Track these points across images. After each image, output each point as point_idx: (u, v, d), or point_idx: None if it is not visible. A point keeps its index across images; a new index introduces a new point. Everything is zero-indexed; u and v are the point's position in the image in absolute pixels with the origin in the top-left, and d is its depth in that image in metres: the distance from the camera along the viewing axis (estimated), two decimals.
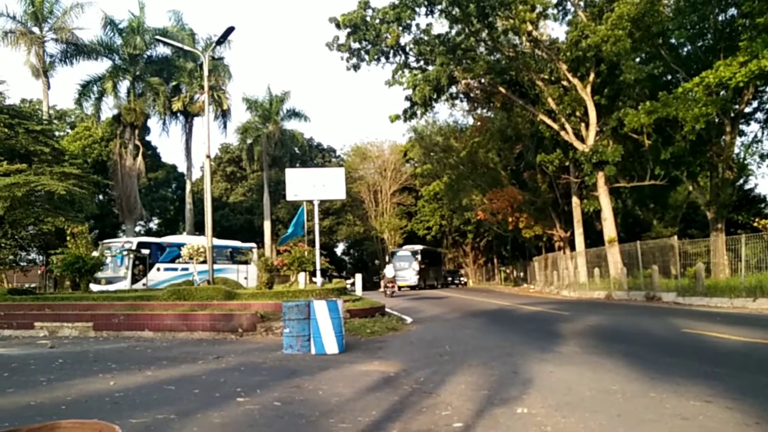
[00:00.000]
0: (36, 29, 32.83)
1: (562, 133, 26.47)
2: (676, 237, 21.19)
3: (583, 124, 26.49)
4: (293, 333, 9.62)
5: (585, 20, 24.01)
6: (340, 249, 63.42)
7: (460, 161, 37.04)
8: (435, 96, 27.53)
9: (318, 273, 16.19)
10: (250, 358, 9.22)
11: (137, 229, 40.43)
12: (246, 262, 28.96)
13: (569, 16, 26.57)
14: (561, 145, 27.59)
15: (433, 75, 25.92)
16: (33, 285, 37.98)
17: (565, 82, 26.59)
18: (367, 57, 25.43)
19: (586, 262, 27.57)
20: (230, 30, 16.24)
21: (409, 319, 14.74)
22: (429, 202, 49.17)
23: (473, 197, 38.19)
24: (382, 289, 31.65)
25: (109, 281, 25.49)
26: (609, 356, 8.32)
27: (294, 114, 44.42)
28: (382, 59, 25.94)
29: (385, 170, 53.75)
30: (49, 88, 33.76)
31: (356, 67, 25.87)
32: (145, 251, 27.00)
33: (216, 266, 27.24)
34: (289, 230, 19.66)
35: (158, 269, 27.21)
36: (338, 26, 24.56)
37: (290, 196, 16.73)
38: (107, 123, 37.90)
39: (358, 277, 29.99)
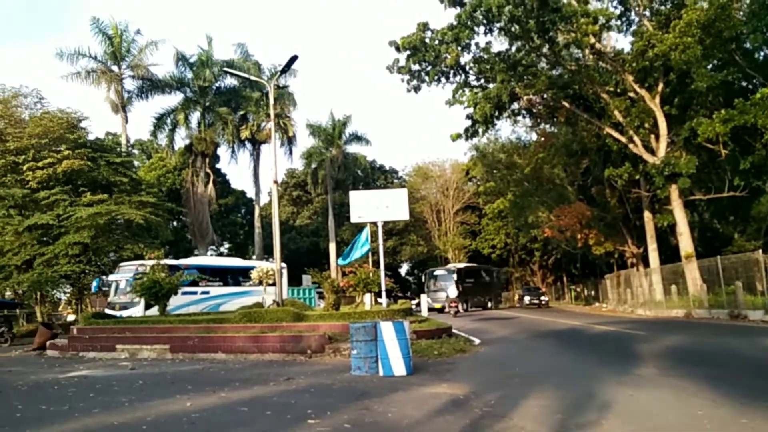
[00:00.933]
0: (115, 67, 35.04)
1: (631, 146, 25.60)
2: (760, 251, 19.94)
3: (652, 136, 25.53)
4: (361, 354, 9.66)
5: (651, 29, 23.28)
6: (404, 269, 63.39)
7: (524, 178, 36.42)
8: (496, 113, 27.29)
9: (383, 294, 16.24)
10: (320, 380, 9.30)
11: (209, 253, 41.90)
12: (274, 284, 27.65)
13: (634, 26, 25.85)
14: (630, 159, 26.66)
15: (493, 92, 25.74)
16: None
17: (632, 94, 25.78)
18: (427, 78, 25.57)
19: (662, 279, 26.34)
20: (294, 59, 16.76)
21: (477, 341, 14.49)
22: (493, 220, 48.51)
23: (539, 214, 37.37)
24: (447, 310, 31.36)
25: (123, 307, 24.70)
26: (692, 379, 7.88)
27: (356, 138, 45.16)
28: (442, 79, 26.01)
29: (447, 189, 53.53)
30: (127, 122, 35.85)
31: (417, 89, 26.06)
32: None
33: (243, 288, 27.04)
34: (352, 251, 19.83)
35: (175, 293, 26.28)
36: (398, 49, 24.87)
37: (354, 218, 16.94)
38: (180, 153, 39.74)
39: (424, 297, 29.79)
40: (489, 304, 40.90)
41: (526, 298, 42.78)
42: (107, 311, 25.14)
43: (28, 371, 13.05)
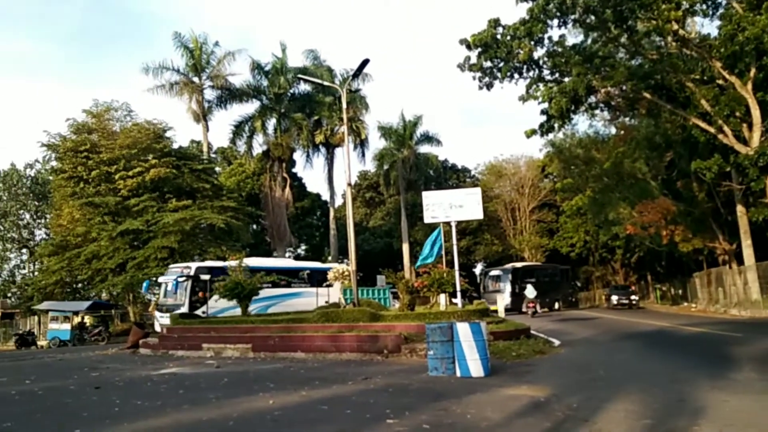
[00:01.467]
0: (196, 79, 36.74)
1: (720, 136, 24.10)
2: None
3: (744, 125, 23.92)
4: (437, 355, 9.62)
5: (740, 11, 21.84)
6: (478, 269, 62.61)
7: (603, 173, 35.04)
8: (572, 108, 26.43)
9: (458, 294, 16.11)
10: (397, 380, 9.35)
11: (287, 255, 43.09)
12: (329, 285, 25.80)
13: (721, 10, 24.31)
14: (719, 150, 25.07)
15: (569, 86, 24.96)
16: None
17: (720, 81, 24.26)
18: (499, 74, 25.15)
19: (758, 278, 24.61)
20: (365, 63, 16.94)
21: (556, 342, 14.11)
22: (571, 218, 47.02)
23: (621, 210, 35.81)
24: (524, 310, 30.70)
25: (169, 309, 24.36)
26: None
27: (427, 138, 45.09)
28: (515, 75, 25.48)
29: (522, 187, 52.41)
30: (208, 130, 37.56)
31: (489, 86, 25.68)
32: (205, 276, 24.56)
33: (290, 290, 26.40)
34: (425, 251, 19.80)
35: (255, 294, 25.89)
36: (469, 47, 24.61)
37: (428, 219, 16.91)
38: (258, 158, 41.13)
39: (500, 297, 29.28)
40: (556, 305, 37.58)
41: (614, 298, 38.64)
42: (156, 313, 25.27)
43: (123, 368, 13.91)
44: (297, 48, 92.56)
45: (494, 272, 38.11)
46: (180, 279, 24.61)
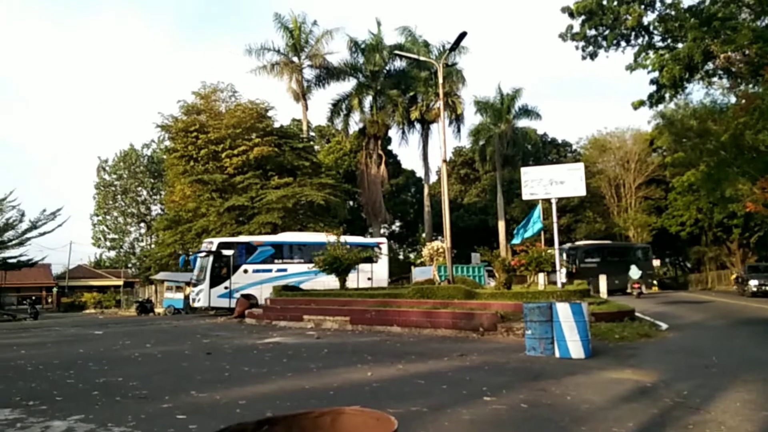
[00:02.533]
0: (295, 59, 37.71)
1: None
2: None
3: None
4: (535, 335, 9.44)
5: None
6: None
7: (720, 146, 32.35)
8: (686, 76, 24.54)
9: (558, 273, 15.66)
10: (493, 358, 9.29)
11: (382, 231, 43.73)
12: (370, 260, 24.84)
13: None
14: None
15: (683, 53, 23.16)
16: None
17: None
18: (604, 43, 23.80)
19: None
20: (462, 36, 16.62)
21: (664, 325, 13.38)
22: (682, 195, 44.01)
23: (739, 186, 33.03)
24: (628, 291, 29.34)
25: (196, 284, 24.93)
26: None
27: (525, 112, 43.71)
28: (622, 43, 24.00)
29: (627, 162, 49.64)
30: (307, 109, 38.54)
31: (593, 56, 24.39)
32: (228, 252, 24.73)
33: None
34: (521, 229, 19.35)
35: (245, 271, 24.95)
36: (571, 15, 23.44)
37: (526, 196, 16.47)
38: (354, 136, 41.79)
39: (602, 278, 28.12)
40: (628, 288, 31.63)
41: (753, 283, 28.53)
42: (192, 288, 25.73)
43: (231, 336, 14.81)
44: (393, 23, 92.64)
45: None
46: (201, 255, 24.93)
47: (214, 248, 24.81)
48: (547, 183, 15.90)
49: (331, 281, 22.91)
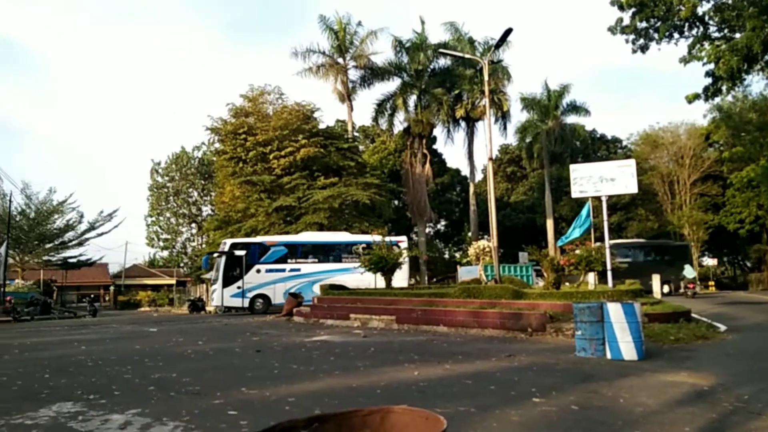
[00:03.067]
0: (340, 60, 38.02)
1: None
2: None
3: None
4: (586, 336, 9.24)
5: None
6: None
7: None
8: (745, 67, 23.51)
9: (609, 273, 15.28)
10: (542, 359, 9.14)
11: (427, 230, 43.67)
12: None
13: None
14: None
15: (741, 43, 22.18)
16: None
17: None
18: (656, 35, 23.06)
19: None
20: (508, 32, 16.41)
21: (722, 327, 12.87)
22: (741, 191, 42.21)
23: None
24: (681, 291, 28.35)
25: (212, 283, 25.62)
26: None
27: (574, 108, 42.86)
28: (675, 35, 23.20)
29: (681, 157, 47.93)
30: (352, 109, 38.85)
31: (644, 48, 23.67)
32: (240, 252, 25.24)
33: (342, 265, 25.60)
34: (573, 228, 18.98)
35: (258, 271, 25.46)
36: (621, 8, 22.81)
37: (575, 193, 16.11)
38: (399, 135, 41.85)
39: (656, 278, 27.25)
40: (666, 288, 30.52)
41: None
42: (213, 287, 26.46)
43: (280, 334, 15.05)
44: (437, 20, 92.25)
45: None
46: (215, 255, 25.32)
47: (226, 249, 25.42)
48: (597, 180, 15.53)
49: (353, 280, 23.59)
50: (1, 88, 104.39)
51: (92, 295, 39.27)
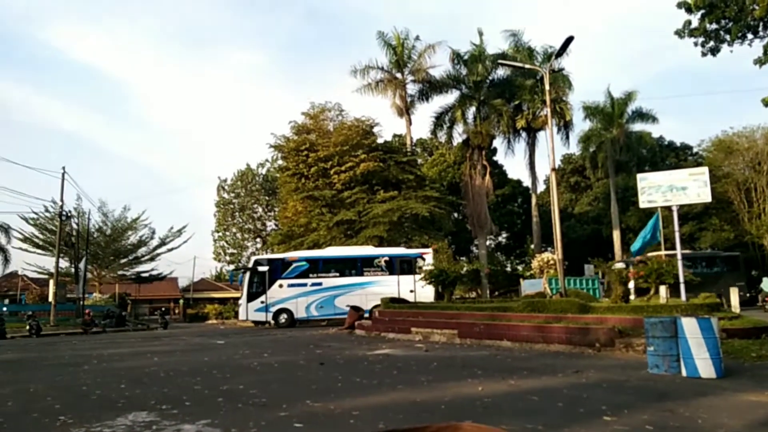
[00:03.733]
0: (398, 75, 38.31)
1: None
2: None
3: None
4: (659, 352, 8.84)
5: None
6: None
7: None
8: None
9: (682, 286, 14.60)
10: (611, 375, 8.81)
11: (488, 243, 43.09)
12: (411, 272, 25.46)
13: None
14: None
15: None
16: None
17: None
18: (728, 37, 21.95)
19: None
20: (569, 40, 16.11)
21: None
22: None
23: None
24: (759, 304, 26.72)
25: (241, 298, 26.99)
26: None
27: (640, 115, 41.38)
28: (749, 35, 22.02)
29: (759, 163, 45.35)
30: (410, 123, 38.93)
31: (714, 51, 22.52)
32: (263, 268, 26.17)
33: (363, 279, 26.09)
34: (639, 239, 18.30)
35: (280, 285, 26.20)
36: (689, 10, 21.81)
37: (643, 204, 15.54)
38: (458, 148, 41.62)
39: (734, 291, 25.77)
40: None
41: None
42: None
43: (342, 347, 15.18)
44: (494, 31, 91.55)
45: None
46: (239, 270, 26.41)
47: (250, 265, 26.78)
48: (666, 189, 14.92)
49: (375, 293, 24.36)
50: (82, 111, 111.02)
51: (163, 308, 40.72)
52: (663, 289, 15.40)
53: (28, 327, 25.42)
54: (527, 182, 46.35)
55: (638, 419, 5.78)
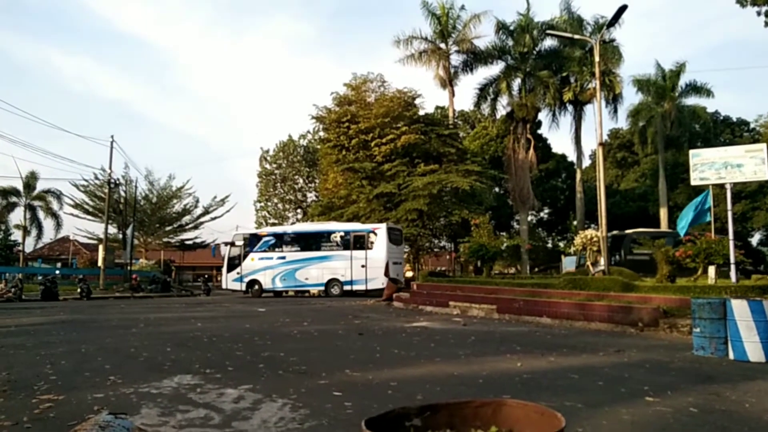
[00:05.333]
0: (443, 45, 37.61)
1: None
2: None
3: None
4: (705, 333, 8.60)
5: None
6: (755, 239, 53.84)
7: None
8: None
9: (732, 267, 14.11)
10: (654, 356, 8.63)
11: (529, 218, 42.45)
12: (363, 247, 26.05)
13: None
14: None
15: None
16: (443, 268, 43.79)
17: None
18: None
19: None
20: (622, 9, 15.47)
21: None
22: None
23: None
24: None
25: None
26: None
27: (693, 88, 39.63)
28: None
29: None
30: (453, 95, 38.31)
31: None
32: (240, 242, 28.44)
33: (321, 253, 27.06)
34: (685, 217, 17.67)
35: (252, 259, 28.13)
36: None
37: (695, 181, 14.96)
38: (501, 121, 40.82)
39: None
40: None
41: None
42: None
43: (380, 318, 15.31)
44: (543, 1, 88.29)
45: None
46: (218, 243, 29.94)
47: (230, 239, 29.14)
48: (720, 167, 14.32)
49: (330, 267, 26.28)
50: (130, 81, 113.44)
51: (206, 275, 41.86)
52: (712, 270, 14.91)
53: (79, 290, 26.53)
54: (572, 157, 45.29)
55: (682, 401, 5.65)
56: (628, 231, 31.55)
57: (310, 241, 27.84)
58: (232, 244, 28.86)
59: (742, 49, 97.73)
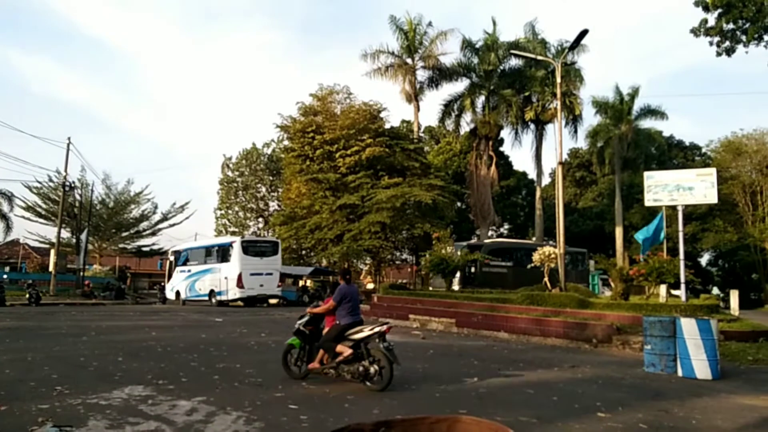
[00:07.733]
0: (409, 60, 37.97)
1: None
2: None
3: None
4: (656, 351, 8.85)
5: None
6: (704, 259, 55.83)
7: None
8: None
9: (682, 286, 14.58)
10: (607, 372, 8.82)
11: (489, 233, 42.98)
12: (226, 259, 26.90)
13: None
14: None
15: None
16: (404, 281, 43.89)
17: None
18: (744, 37, 21.74)
19: None
20: (583, 34, 15.95)
21: None
22: None
23: None
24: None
25: None
26: None
27: (649, 111, 41.08)
28: (765, 37, 21.84)
29: (766, 167, 45.22)
30: (419, 110, 38.66)
31: (729, 52, 22.28)
32: (172, 258, 31.58)
33: (206, 266, 28.29)
34: (641, 236, 18.27)
35: (178, 272, 30.53)
36: (706, 8, 21.56)
37: (649, 202, 15.47)
38: (465, 137, 41.38)
39: (734, 293, 25.67)
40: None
41: None
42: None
43: None
44: (508, 22, 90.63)
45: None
46: (163, 258, 31.43)
47: (169, 254, 32.16)
48: (673, 189, 14.84)
49: (209, 279, 27.44)
50: (92, 85, 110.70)
51: (162, 283, 40.91)
52: (662, 288, 15.39)
53: (27, 295, 25.52)
54: (532, 174, 46.22)
55: (632, 417, 5.79)
56: (486, 241, 32.16)
57: (202, 255, 29.65)
58: (169, 259, 31.95)
59: (697, 77, 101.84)
